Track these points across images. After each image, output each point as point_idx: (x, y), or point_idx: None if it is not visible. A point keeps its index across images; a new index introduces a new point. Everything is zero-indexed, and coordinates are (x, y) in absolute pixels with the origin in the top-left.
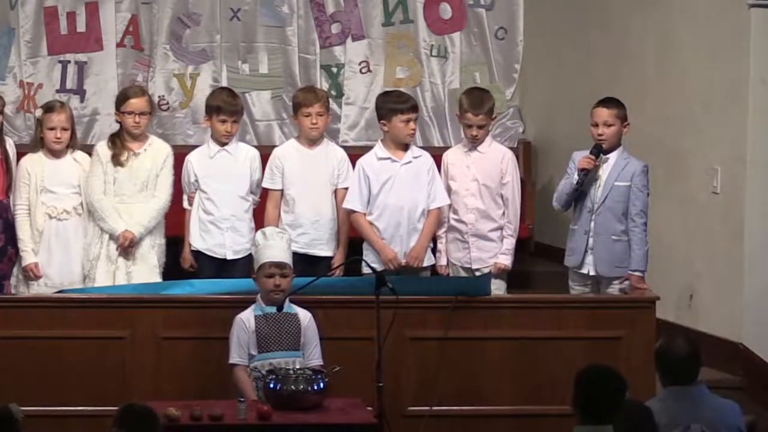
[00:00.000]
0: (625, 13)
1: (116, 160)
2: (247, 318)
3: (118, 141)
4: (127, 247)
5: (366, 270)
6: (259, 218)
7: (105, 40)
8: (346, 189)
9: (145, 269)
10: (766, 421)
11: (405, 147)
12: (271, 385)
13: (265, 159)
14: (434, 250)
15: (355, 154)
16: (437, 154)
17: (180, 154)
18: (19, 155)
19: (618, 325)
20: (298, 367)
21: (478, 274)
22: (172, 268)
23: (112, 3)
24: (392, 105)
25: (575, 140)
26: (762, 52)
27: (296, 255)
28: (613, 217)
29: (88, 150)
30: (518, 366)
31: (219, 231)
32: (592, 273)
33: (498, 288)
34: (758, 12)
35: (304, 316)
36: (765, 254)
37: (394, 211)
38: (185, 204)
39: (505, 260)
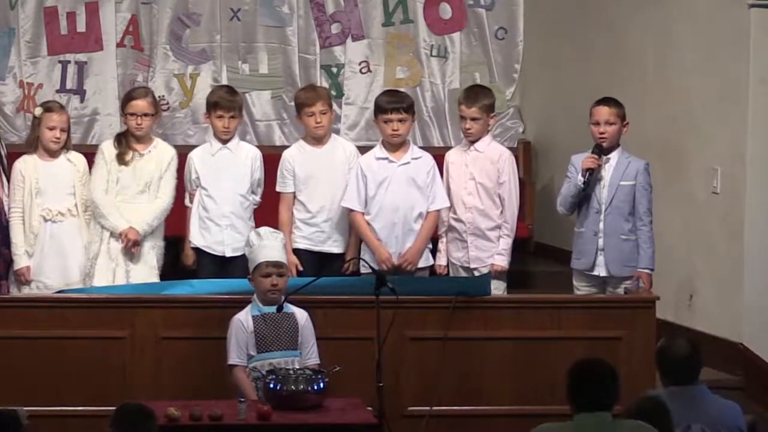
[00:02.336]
0: (625, 13)
1: (121, 159)
2: (244, 319)
3: (124, 141)
4: (130, 246)
5: (364, 270)
6: (270, 220)
7: (105, 40)
8: None
9: (145, 269)
10: (766, 421)
11: (404, 147)
12: (271, 385)
13: (266, 159)
14: (433, 251)
15: None
16: (437, 154)
17: (180, 154)
18: (15, 155)
19: (618, 325)
20: (297, 366)
21: (476, 273)
22: (172, 268)
23: (112, 3)
24: (379, 104)
25: (575, 140)
26: (762, 52)
27: (309, 253)
28: (620, 217)
29: (87, 150)
30: (518, 366)
31: (218, 228)
32: (603, 274)
33: (498, 288)
34: (758, 12)
35: (301, 315)
36: (765, 254)
37: (389, 212)
38: (186, 201)
39: (501, 261)
